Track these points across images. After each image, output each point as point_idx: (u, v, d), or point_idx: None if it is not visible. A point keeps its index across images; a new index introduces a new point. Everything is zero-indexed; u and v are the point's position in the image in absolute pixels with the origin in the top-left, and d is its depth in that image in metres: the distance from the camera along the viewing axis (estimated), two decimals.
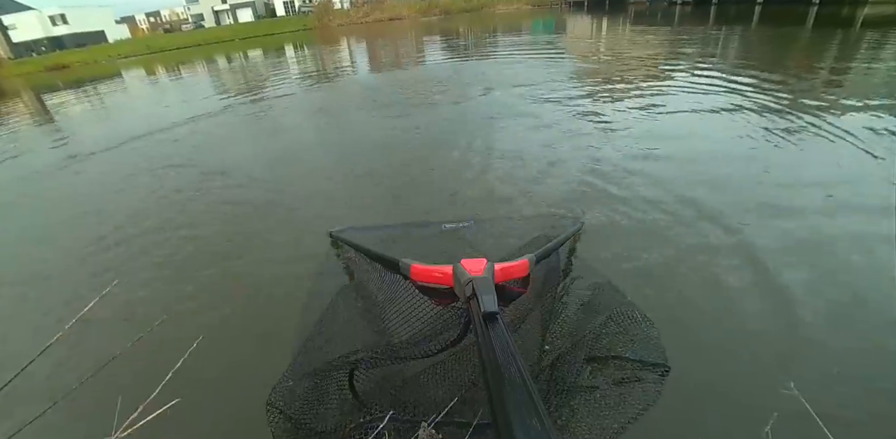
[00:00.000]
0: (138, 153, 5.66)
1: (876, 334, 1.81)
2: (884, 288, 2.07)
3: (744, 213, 2.79)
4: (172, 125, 6.93)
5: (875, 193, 2.90)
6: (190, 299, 2.43)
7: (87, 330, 2.24)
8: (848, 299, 2.02)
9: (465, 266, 1.08)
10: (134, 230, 3.37)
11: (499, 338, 0.74)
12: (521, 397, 0.56)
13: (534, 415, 0.53)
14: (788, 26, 13.60)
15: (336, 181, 3.90)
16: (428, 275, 1.23)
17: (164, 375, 0.89)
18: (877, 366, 1.66)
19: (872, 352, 1.72)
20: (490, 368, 0.66)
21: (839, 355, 1.71)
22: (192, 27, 47.42)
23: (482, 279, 0.97)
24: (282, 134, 5.75)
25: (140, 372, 1.83)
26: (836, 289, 2.10)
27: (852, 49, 9.05)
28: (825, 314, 1.94)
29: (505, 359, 0.66)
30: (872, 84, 5.99)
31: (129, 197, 4.15)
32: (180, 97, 10.00)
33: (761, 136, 4.09)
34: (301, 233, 3.01)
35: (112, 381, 1.81)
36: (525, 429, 0.51)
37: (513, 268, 1.25)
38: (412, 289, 1.31)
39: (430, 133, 5.01)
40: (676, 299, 2.08)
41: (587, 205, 3.02)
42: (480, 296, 0.89)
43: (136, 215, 3.65)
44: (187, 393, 1.06)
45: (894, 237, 2.41)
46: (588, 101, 5.80)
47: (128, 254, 3.03)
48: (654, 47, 10.80)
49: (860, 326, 1.87)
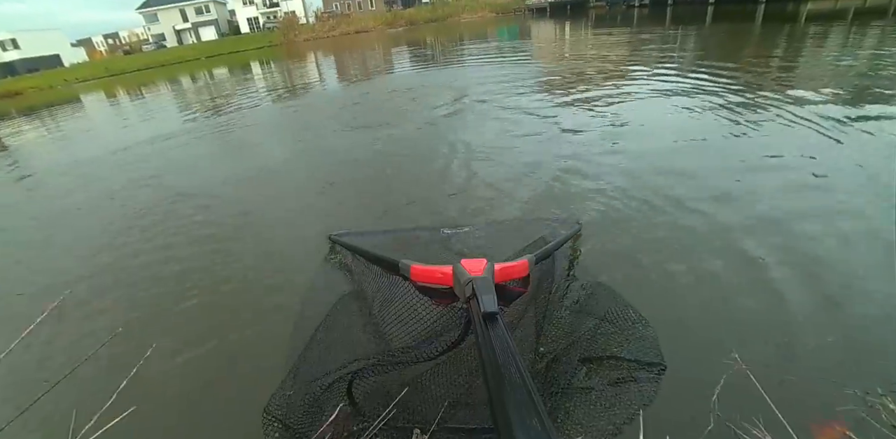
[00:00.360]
0: (95, 176, 5.45)
1: (824, 307, 1.87)
2: (840, 263, 2.14)
3: (704, 195, 2.92)
4: (134, 145, 6.73)
5: (831, 174, 3.01)
6: (147, 312, 2.35)
7: (37, 347, 2.16)
8: (800, 272, 2.08)
9: (464, 266, 1.07)
10: (85, 252, 3.23)
11: (499, 338, 0.73)
12: (521, 397, 0.56)
13: (534, 415, 0.53)
14: (740, 23, 14.22)
15: (306, 197, 3.83)
16: (428, 276, 1.23)
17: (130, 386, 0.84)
18: (818, 336, 1.69)
19: (818, 323, 1.76)
20: (490, 368, 0.66)
21: (785, 326, 1.75)
22: (154, 47, 46.47)
23: (482, 279, 0.97)
24: (248, 151, 5.64)
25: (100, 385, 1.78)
26: (793, 259, 2.17)
27: (799, 42, 9.51)
28: (774, 289, 1.99)
29: (505, 359, 0.66)
30: (820, 73, 6.28)
31: (81, 222, 3.98)
32: (143, 118, 9.74)
33: (723, 125, 4.22)
34: (275, 247, 2.95)
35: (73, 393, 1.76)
36: (525, 429, 0.51)
37: (513, 269, 1.25)
38: (412, 289, 1.31)
39: (405, 140, 4.99)
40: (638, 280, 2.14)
41: (564, 199, 3.08)
42: (480, 296, 0.88)
43: (89, 239, 3.49)
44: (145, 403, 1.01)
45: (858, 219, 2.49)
46: (555, 102, 5.89)
47: (78, 273, 2.91)
48: (616, 48, 11.10)
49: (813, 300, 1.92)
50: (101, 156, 6.45)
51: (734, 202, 2.82)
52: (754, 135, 3.96)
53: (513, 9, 38.96)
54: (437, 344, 1.17)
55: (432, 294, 1.26)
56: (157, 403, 1.74)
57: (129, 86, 19.83)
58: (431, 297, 1.27)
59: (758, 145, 3.71)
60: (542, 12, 33.92)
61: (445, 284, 1.18)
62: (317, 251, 2.67)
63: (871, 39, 9.01)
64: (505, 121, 5.26)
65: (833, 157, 3.31)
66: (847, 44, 8.74)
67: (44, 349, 2.18)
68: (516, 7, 38.85)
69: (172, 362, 1.97)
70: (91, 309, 2.50)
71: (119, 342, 2.09)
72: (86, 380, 1.89)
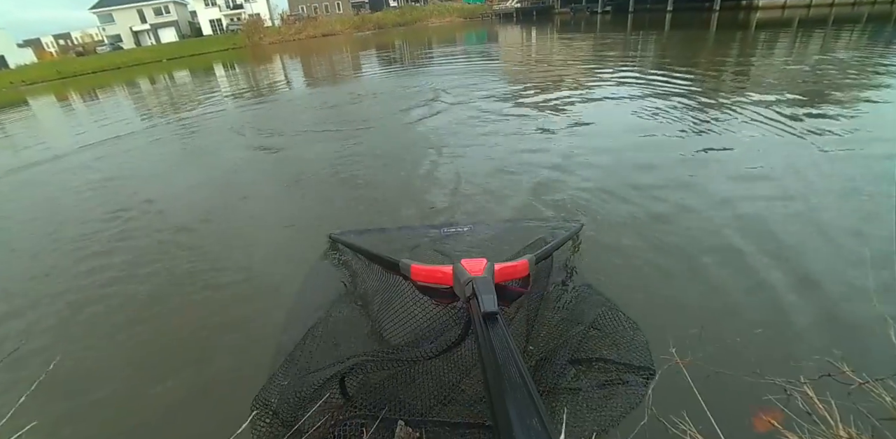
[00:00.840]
0: (38, 182, 5.13)
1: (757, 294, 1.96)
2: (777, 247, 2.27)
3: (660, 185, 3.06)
4: (83, 149, 6.38)
5: (781, 168, 3.19)
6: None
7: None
8: (735, 265, 2.17)
9: (465, 266, 1.07)
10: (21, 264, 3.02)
11: (499, 338, 0.72)
12: (521, 397, 0.56)
13: (534, 415, 0.53)
14: (696, 30, 14.88)
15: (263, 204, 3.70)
16: (428, 276, 1.23)
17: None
18: (749, 327, 1.75)
19: (748, 316, 1.82)
20: (490, 368, 0.65)
21: (719, 319, 1.81)
22: (109, 49, 44.37)
23: (482, 279, 0.97)
24: (207, 158, 5.44)
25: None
26: (728, 249, 2.28)
27: (751, 47, 10.04)
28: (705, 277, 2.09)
29: (505, 359, 0.65)
30: (770, 74, 6.65)
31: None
32: (96, 122, 9.27)
33: (682, 123, 4.39)
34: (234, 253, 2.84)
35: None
36: (525, 429, 0.50)
37: (513, 268, 1.25)
38: (412, 289, 1.31)
39: (377, 138, 4.94)
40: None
41: (539, 190, 3.17)
42: (480, 296, 0.88)
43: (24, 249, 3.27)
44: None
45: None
46: (524, 103, 5.98)
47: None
48: (581, 51, 11.41)
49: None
50: (46, 160, 6.09)
51: (683, 194, 2.95)
52: (707, 130, 4.16)
53: (480, 14, 39.47)
54: (437, 343, 1.17)
55: (432, 293, 1.26)
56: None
57: (82, 88, 18.87)
58: (432, 297, 1.27)
59: (711, 140, 3.89)
60: (508, 18, 34.55)
61: (446, 284, 1.18)
62: (286, 251, 2.60)
63: (814, 45, 9.60)
64: (475, 120, 5.31)
65: (778, 151, 3.51)
66: (794, 49, 9.29)
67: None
68: (483, 12, 39.40)
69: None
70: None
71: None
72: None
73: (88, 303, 2.44)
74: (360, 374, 1.28)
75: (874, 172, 2.99)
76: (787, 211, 2.63)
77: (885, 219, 2.42)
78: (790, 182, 2.98)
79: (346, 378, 1.26)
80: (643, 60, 9.27)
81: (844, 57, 7.58)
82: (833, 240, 2.28)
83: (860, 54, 7.80)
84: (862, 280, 1.89)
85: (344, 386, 1.26)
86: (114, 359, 1.98)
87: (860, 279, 1.91)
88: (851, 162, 3.22)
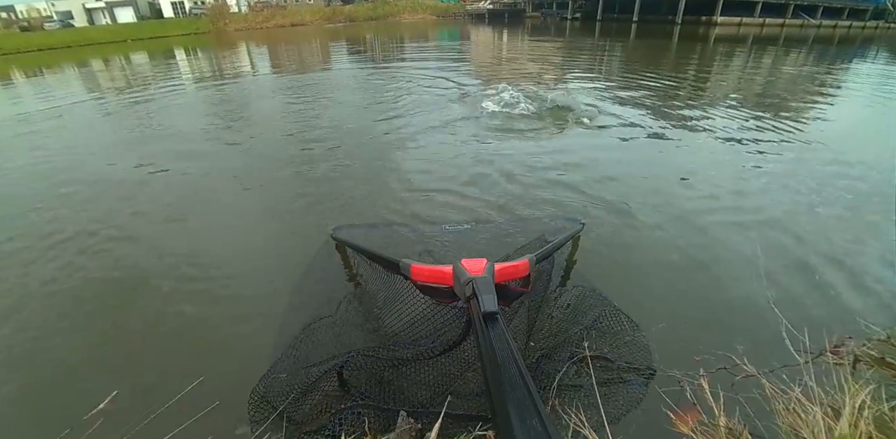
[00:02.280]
0: None
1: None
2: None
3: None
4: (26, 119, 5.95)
5: (728, 175, 3.41)
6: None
7: None
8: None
9: (465, 266, 1.07)
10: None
11: (499, 338, 0.73)
12: (521, 397, 0.56)
13: (534, 415, 0.53)
14: (659, 40, 15.53)
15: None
16: (428, 275, 1.23)
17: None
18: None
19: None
20: (490, 368, 0.66)
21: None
22: (58, 26, 41.33)
23: (482, 279, 0.97)
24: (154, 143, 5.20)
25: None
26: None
27: (709, 58, 10.60)
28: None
29: (505, 359, 0.66)
30: (727, 84, 7.07)
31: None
32: (41, 100, 8.64)
33: (641, 130, 4.60)
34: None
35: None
36: (525, 429, 0.51)
37: (513, 268, 1.25)
38: (413, 289, 1.31)
39: (342, 128, 4.87)
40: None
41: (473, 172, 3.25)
42: (480, 296, 0.88)
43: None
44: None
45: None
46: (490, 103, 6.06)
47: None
48: (551, 54, 11.67)
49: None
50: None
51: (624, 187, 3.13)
52: (668, 134, 4.39)
53: (453, 12, 39.56)
54: (438, 343, 1.17)
55: (433, 293, 1.26)
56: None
57: (27, 66, 17.51)
58: (432, 297, 1.27)
59: (671, 145, 4.10)
60: (480, 18, 34.79)
61: (446, 284, 1.18)
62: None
63: (766, 60, 10.26)
64: (443, 117, 5.33)
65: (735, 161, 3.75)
66: (748, 62, 9.88)
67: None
68: (456, 11, 39.50)
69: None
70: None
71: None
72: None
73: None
74: (359, 368, 1.28)
75: (801, 174, 3.30)
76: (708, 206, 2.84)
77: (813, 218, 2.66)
78: (717, 183, 3.21)
79: (346, 370, 1.25)
80: (609, 66, 9.61)
81: (793, 72, 8.16)
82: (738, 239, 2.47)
83: (807, 70, 8.42)
84: (757, 279, 2.00)
85: (343, 378, 1.26)
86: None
87: (756, 278, 2.02)
88: (785, 165, 3.50)
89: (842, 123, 4.82)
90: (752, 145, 4.01)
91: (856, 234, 2.46)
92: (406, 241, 2.44)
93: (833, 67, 8.94)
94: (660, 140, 4.26)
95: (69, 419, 1.35)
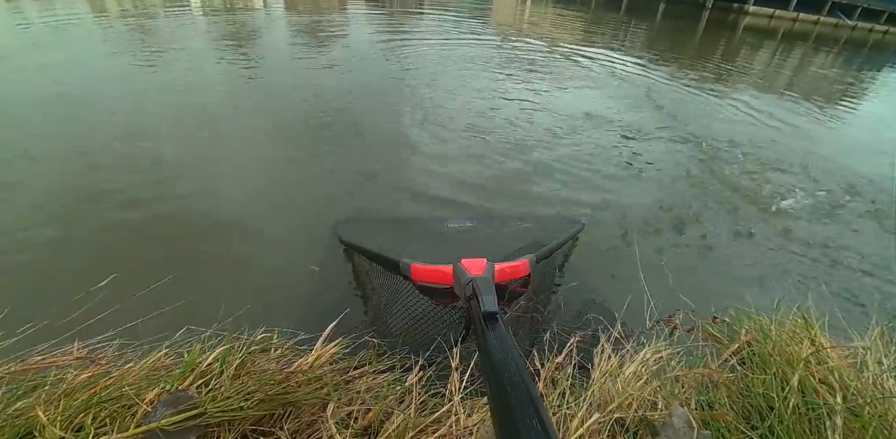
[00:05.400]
0: None
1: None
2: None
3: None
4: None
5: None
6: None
7: None
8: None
9: (465, 266, 1.08)
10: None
11: (499, 338, 0.74)
12: (521, 397, 0.56)
13: (534, 415, 0.53)
14: (685, 23, 14.76)
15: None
16: (428, 276, 1.26)
17: None
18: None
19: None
20: (490, 368, 0.67)
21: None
22: None
23: (482, 279, 0.98)
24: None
25: None
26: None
27: (735, 48, 10.03)
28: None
29: (505, 359, 0.66)
30: (751, 73, 6.64)
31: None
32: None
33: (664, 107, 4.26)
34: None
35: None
36: (525, 429, 0.51)
37: (513, 268, 1.27)
38: (413, 289, 1.34)
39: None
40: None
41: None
42: (481, 296, 0.88)
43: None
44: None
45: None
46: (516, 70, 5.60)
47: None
48: (572, 24, 10.99)
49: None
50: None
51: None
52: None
53: None
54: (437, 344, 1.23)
55: (433, 293, 1.30)
56: None
57: None
58: (432, 297, 1.31)
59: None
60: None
61: (446, 284, 1.20)
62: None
63: (794, 58, 9.72)
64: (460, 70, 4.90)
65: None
66: (774, 58, 9.35)
67: None
68: None
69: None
70: None
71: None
72: None
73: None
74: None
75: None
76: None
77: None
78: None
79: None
80: (633, 44, 9.02)
81: (820, 72, 7.69)
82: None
83: (835, 72, 7.95)
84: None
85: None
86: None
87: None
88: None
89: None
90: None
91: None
92: (407, 237, 2.43)
93: (860, 74, 8.45)
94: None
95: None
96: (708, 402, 0.93)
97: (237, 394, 0.81)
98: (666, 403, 0.92)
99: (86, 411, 0.78)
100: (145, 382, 0.85)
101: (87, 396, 0.81)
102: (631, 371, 1.01)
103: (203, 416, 0.78)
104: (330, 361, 1.00)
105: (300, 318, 1.28)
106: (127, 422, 0.76)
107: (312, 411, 0.87)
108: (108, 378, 0.86)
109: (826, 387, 0.86)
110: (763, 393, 0.88)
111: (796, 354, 0.95)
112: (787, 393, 0.84)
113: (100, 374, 0.89)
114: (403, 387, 0.97)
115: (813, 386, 0.86)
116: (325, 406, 0.87)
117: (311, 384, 0.90)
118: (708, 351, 1.13)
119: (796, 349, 0.97)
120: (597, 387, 0.97)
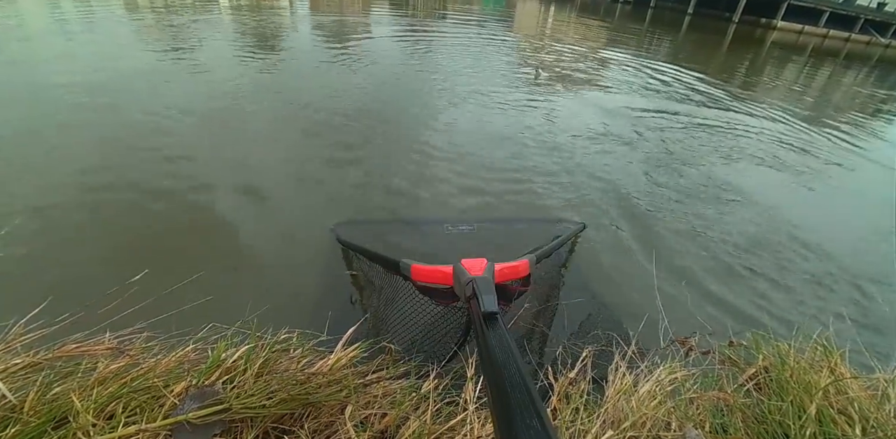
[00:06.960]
0: None
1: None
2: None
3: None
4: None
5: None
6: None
7: None
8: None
9: (465, 266, 1.08)
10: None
11: (499, 338, 0.73)
12: (521, 397, 0.57)
13: (534, 416, 0.53)
14: (711, 36, 14.59)
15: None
16: (428, 276, 1.27)
17: None
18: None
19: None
20: (490, 368, 0.67)
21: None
22: None
23: (482, 279, 0.97)
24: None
25: None
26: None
27: (761, 63, 9.88)
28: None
29: (505, 359, 0.66)
30: (776, 90, 6.54)
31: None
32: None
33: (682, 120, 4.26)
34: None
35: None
36: (525, 429, 0.50)
37: (513, 268, 1.27)
38: (413, 289, 1.35)
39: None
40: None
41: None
42: (480, 296, 0.88)
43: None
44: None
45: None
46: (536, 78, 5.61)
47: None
48: (596, 34, 10.94)
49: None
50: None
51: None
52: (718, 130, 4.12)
53: None
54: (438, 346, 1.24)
55: (433, 294, 1.30)
56: None
57: None
58: (432, 297, 1.32)
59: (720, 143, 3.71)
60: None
61: (446, 284, 1.20)
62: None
63: (822, 75, 9.54)
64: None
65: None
66: (802, 74, 9.19)
67: None
68: None
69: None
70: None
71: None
72: None
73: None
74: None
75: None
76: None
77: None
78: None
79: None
80: (657, 55, 8.95)
81: (848, 92, 7.55)
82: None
83: (864, 92, 7.78)
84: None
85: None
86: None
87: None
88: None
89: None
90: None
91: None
92: (406, 240, 2.43)
93: (892, 95, 8.26)
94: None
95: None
96: (722, 426, 0.92)
97: (260, 392, 0.84)
98: (680, 424, 0.92)
99: (116, 400, 0.81)
100: (173, 375, 0.88)
101: (118, 386, 0.85)
102: (645, 390, 1.02)
103: (228, 412, 0.81)
104: (349, 364, 1.03)
105: (320, 320, 1.31)
106: (155, 413, 0.79)
107: (331, 412, 0.89)
108: (139, 369, 0.89)
109: (845, 418, 0.85)
110: (780, 420, 0.87)
111: (815, 382, 0.94)
112: (804, 422, 0.84)
113: (130, 365, 0.92)
114: (419, 394, 0.98)
115: (831, 416, 0.85)
116: (344, 408, 0.89)
117: (331, 386, 0.92)
118: (723, 374, 1.12)
119: (815, 377, 0.96)
120: (611, 405, 0.98)
